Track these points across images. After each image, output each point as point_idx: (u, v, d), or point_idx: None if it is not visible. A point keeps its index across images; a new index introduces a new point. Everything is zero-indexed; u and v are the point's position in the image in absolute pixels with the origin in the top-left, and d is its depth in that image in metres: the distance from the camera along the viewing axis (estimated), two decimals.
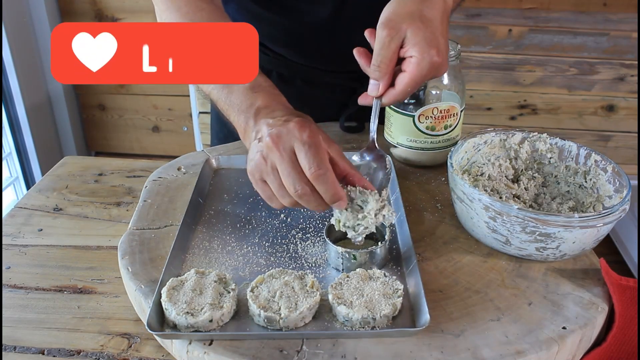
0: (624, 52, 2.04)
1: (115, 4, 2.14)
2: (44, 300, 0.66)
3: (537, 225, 0.62)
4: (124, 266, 0.65)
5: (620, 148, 2.21)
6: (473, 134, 0.77)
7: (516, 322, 0.58)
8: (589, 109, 2.16)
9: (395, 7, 0.64)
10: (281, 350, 0.54)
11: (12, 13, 1.99)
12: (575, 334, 0.57)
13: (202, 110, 2.09)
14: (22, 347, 0.60)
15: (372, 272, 0.61)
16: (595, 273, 0.65)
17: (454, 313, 0.59)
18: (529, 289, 0.62)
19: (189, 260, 0.66)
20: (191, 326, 0.55)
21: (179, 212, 0.74)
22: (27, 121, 2.08)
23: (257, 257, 0.67)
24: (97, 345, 0.60)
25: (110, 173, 0.92)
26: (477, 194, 0.65)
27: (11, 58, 1.97)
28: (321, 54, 0.96)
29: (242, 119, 0.66)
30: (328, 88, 1.00)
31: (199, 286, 0.59)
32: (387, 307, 0.56)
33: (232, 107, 0.67)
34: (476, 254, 0.68)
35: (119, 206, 0.84)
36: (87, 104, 2.36)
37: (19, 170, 2.13)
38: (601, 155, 0.73)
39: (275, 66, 0.98)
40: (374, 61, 0.64)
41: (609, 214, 0.62)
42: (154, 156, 2.41)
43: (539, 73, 2.10)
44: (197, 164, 0.85)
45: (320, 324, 0.57)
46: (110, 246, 0.75)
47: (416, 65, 0.62)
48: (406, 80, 0.64)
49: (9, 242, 0.76)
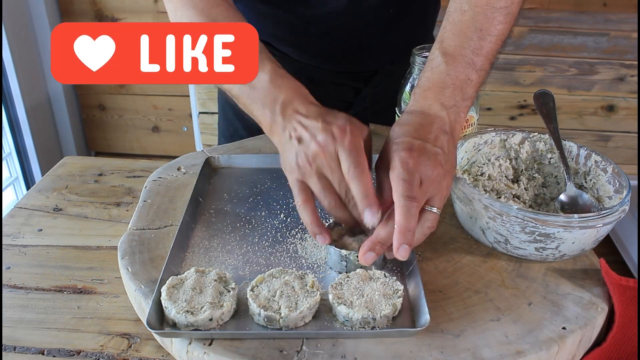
0: (624, 52, 2.04)
1: (115, 4, 2.14)
2: (44, 300, 0.66)
3: (537, 225, 0.62)
4: (124, 266, 0.65)
5: (620, 148, 2.21)
6: (473, 134, 0.77)
7: (516, 322, 0.58)
8: (589, 109, 2.16)
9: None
10: (281, 350, 0.54)
11: (12, 13, 1.99)
12: (575, 334, 0.57)
13: (202, 110, 2.09)
14: (22, 347, 0.60)
15: (372, 272, 0.61)
16: (595, 273, 0.65)
17: (454, 313, 0.59)
18: (529, 289, 0.62)
19: (188, 259, 0.66)
20: (191, 325, 0.55)
21: (179, 212, 0.74)
22: (27, 121, 2.08)
23: (257, 256, 0.67)
24: (97, 345, 0.60)
25: (110, 173, 0.92)
26: (477, 194, 0.65)
27: (11, 58, 1.97)
28: (328, 54, 0.96)
29: (267, 113, 0.66)
30: (333, 87, 1.00)
31: (199, 285, 0.59)
32: (387, 307, 0.56)
33: (255, 102, 0.67)
34: (476, 254, 0.68)
35: (119, 206, 0.84)
36: (87, 104, 2.36)
37: (19, 170, 2.13)
38: (601, 156, 0.73)
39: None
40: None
41: (609, 215, 0.62)
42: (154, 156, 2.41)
43: (539, 73, 2.10)
44: (197, 164, 0.85)
45: (320, 324, 0.57)
46: (110, 246, 0.75)
47: (391, 172, 0.60)
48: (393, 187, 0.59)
49: (9, 242, 0.76)
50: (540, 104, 0.78)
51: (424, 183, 0.59)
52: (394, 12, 0.91)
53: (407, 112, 0.66)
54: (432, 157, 0.60)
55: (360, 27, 0.91)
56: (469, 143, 0.76)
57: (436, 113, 0.64)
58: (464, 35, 0.67)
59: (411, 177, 0.58)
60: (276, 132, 0.65)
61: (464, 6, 0.68)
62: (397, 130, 0.64)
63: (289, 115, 0.64)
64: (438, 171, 0.60)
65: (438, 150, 0.61)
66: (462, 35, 0.67)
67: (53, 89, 2.23)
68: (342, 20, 0.89)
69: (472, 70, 0.66)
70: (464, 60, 0.66)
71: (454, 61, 0.66)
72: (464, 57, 0.66)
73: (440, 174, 0.60)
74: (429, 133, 0.62)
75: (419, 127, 0.63)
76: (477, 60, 0.66)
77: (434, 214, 0.60)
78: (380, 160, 0.63)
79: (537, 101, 0.79)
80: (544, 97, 0.79)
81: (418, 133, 0.62)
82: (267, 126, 0.67)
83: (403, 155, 0.59)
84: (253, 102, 0.67)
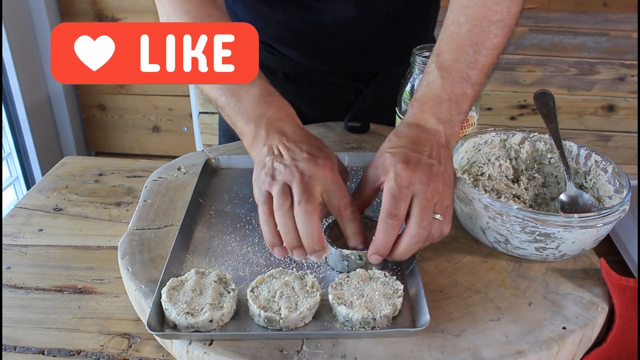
0: (624, 52, 2.04)
1: (115, 4, 2.15)
2: (44, 300, 0.66)
3: (537, 225, 0.62)
4: (124, 266, 0.65)
5: (620, 148, 2.21)
6: (473, 134, 0.77)
7: (516, 322, 0.58)
8: (589, 109, 2.16)
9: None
10: (281, 350, 0.54)
11: (12, 13, 1.99)
12: (575, 334, 0.57)
13: (202, 110, 2.09)
14: (22, 347, 0.60)
15: (372, 272, 0.61)
16: (595, 273, 0.65)
17: (454, 313, 0.59)
18: (529, 289, 0.62)
19: (189, 261, 0.66)
20: (191, 326, 0.55)
21: (179, 212, 0.74)
22: (27, 121, 2.08)
23: (257, 257, 0.67)
24: (97, 345, 0.60)
25: (110, 173, 0.92)
26: (477, 194, 0.65)
27: (11, 58, 1.98)
28: (329, 55, 0.96)
29: (251, 127, 0.66)
30: (334, 88, 1.00)
31: (199, 286, 0.59)
32: (387, 307, 0.56)
33: (240, 114, 0.67)
34: (476, 254, 0.68)
35: (119, 206, 0.84)
36: (87, 104, 2.36)
37: (19, 170, 2.14)
38: (601, 156, 0.73)
39: (281, 66, 0.98)
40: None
41: (609, 214, 0.62)
42: (154, 156, 2.41)
43: (539, 73, 2.10)
44: (197, 164, 0.85)
45: (320, 324, 0.57)
46: (110, 246, 0.75)
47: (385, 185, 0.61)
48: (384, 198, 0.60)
49: (9, 242, 0.76)
50: (540, 104, 0.78)
51: (421, 198, 0.59)
52: (397, 15, 0.91)
53: (404, 124, 0.67)
54: (427, 168, 0.61)
55: (363, 31, 0.91)
56: (469, 143, 0.76)
57: (432, 127, 0.66)
58: (460, 49, 0.68)
59: (400, 194, 0.59)
60: (256, 146, 0.65)
61: (460, 19, 0.68)
62: (394, 140, 0.65)
63: (273, 133, 0.64)
64: (434, 183, 0.60)
65: (434, 161, 0.62)
66: (458, 49, 0.68)
67: (53, 88, 2.23)
68: (346, 25, 0.89)
69: (468, 84, 0.67)
70: (459, 74, 0.67)
71: (449, 75, 0.67)
72: (459, 72, 0.67)
73: (438, 185, 0.61)
74: (425, 146, 0.63)
75: (416, 139, 0.64)
76: (473, 75, 0.67)
77: (437, 222, 0.61)
78: (374, 164, 0.64)
79: (537, 101, 0.79)
80: (544, 97, 0.79)
81: (415, 145, 0.63)
82: (249, 139, 0.66)
83: (399, 167, 0.60)
84: (238, 113, 0.67)
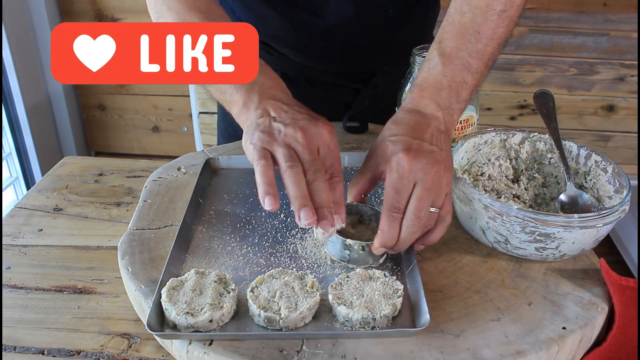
0: (624, 52, 2.04)
1: (115, 4, 2.15)
2: (44, 300, 0.66)
3: (537, 225, 0.62)
4: (124, 266, 0.65)
5: (620, 148, 2.21)
6: (473, 134, 0.77)
7: (516, 322, 0.58)
8: (589, 109, 2.16)
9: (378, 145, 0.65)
10: (281, 351, 0.54)
11: (12, 13, 1.99)
12: (575, 334, 0.57)
13: (202, 110, 2.09)
14: (22, 347, 0.60)
15: (372, 272, 0.61)
16: (595, 273, 0.65)
17: (454, 313, 0.59)
18: (529, 289, 0.62)
19: (188, 261, 0.66)
20: (191, 326, 0.55)
21: (179, 212, 0.74)
22: (27, 121, 2.08)
23: (257, 257, 0.67)
24: (97, 345, 0.60)
25: (110, 173, 0.92)
26: (477, 194, 0.65)
27: (11, 58, 1.98)
28: (327, 55, 0.96)
29: (242, 92, 0.65)
30: (332, 88, 1.00)
31: (199, 286, 0.59)
32: (387, 307, 0.56)
33: (230, 86, 0.66)
34: (476, 254, 0.68)
35: (119, 206, 0.84)
36: (87, 104, 2.36)
37: (19, 170, 2.14)
38: (601, 156, 0.73)
39: (279, 66, 0.98)
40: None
41: (609, 214, 0.62)
42: (154, 156, 2.41)
43: (539, 73, 2.10)
44: (197, 164, 0.85)
45: (320, 324, 0.57)
46: (110, 246, 0.75)
47: (387, 174, 0.61)
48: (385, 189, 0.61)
49: (9, 242, 0.76)
50: (540, 104, 0.78)
51: (420, 188, 0.60)
52: (396, 15, 0.91)
53: (403, 110, 0.67)
54: (429, 155, 0.61)
55: (361, 31, 0.92)
56: (469, 143, 0.76)
57: (432, 113, 0.65)
58: (462, 37, 0.67)
59: (402, 185, 0.60)
60: (247, 111, 0.64)
61: (464, 7, 0.68)
62: (393, 127, 0.64)
63: (267, 99, 0.63)
64: (436, 169, 0.60)
65: (435, 148, 0.62)
66: (460, 37, 0.68)
67: (53, 89, 2.23)
68: (345, 25, 0.89)
69: (468, 72, 0.67)
70: (460, 62, 0.67)
71: (451, 62, 0.67)
72: (460, 59, 0.67)
73: (440, 172, 0.61)
74: (425, 132, 0.63)
75: (416, 125, 0.64)
76: (473, 63, 0.67)
77: (432, 214, 0.61)
78: (374, 152, 0.64)
79: (537, 101, 0.79)
80: (544, 97, 0.79)
81: (415, 132, 0.63)
82: (238, 105, 0.66)
83: (401, 156, 0.60)
84: (228, 87, 0.66)
